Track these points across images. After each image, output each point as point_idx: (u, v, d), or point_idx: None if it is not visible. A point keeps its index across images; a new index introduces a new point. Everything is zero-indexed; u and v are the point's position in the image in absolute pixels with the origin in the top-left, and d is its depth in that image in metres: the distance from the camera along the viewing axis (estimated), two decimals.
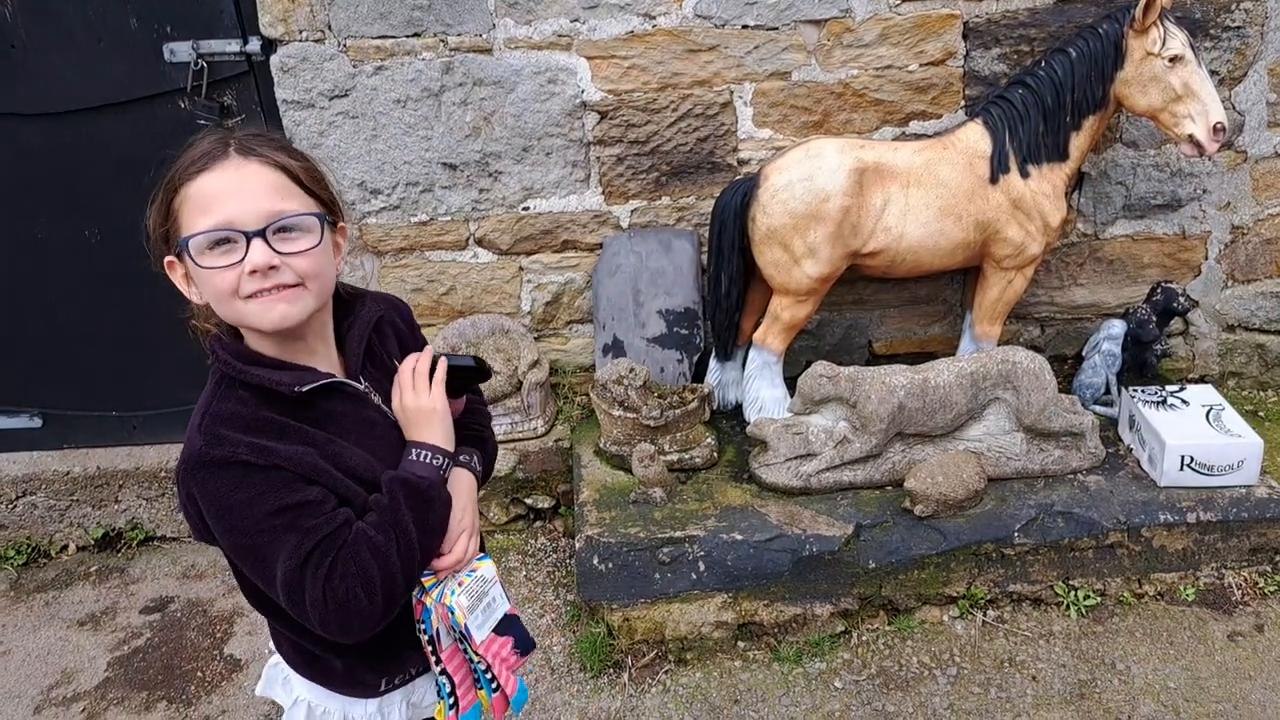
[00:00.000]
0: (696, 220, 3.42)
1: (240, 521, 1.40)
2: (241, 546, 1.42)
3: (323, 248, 1.44)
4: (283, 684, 1.78)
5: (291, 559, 1.40)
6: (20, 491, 3.64)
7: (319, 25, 3.10)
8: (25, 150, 3.27)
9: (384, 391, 1.59)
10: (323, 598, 1.40)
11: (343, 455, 1.48)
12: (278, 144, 1.46)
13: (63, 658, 3.20)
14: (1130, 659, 2.85)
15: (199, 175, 1.38)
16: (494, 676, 1.67)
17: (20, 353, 3.58)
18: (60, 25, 3.12)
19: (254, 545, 1.41)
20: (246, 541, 1.41)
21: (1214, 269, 3.52)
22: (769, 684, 2.86)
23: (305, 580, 1.40)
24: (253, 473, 1.40)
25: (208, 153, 1.39)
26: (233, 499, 1.39)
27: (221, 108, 3.21)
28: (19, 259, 3.44)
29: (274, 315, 1.40)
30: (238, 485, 1.39)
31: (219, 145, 1.40)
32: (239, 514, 1.40)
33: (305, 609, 1.42)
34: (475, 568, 1.64)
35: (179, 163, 1.41)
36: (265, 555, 1.41)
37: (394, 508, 1.47)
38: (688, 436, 3.22)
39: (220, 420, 1.42)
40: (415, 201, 3.37)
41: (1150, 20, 2.84)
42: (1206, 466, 2.99)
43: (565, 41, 3.15)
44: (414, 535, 1.47)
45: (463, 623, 1.59)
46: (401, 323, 1.71)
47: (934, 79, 3.22)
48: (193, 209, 1.38)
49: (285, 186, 1.42)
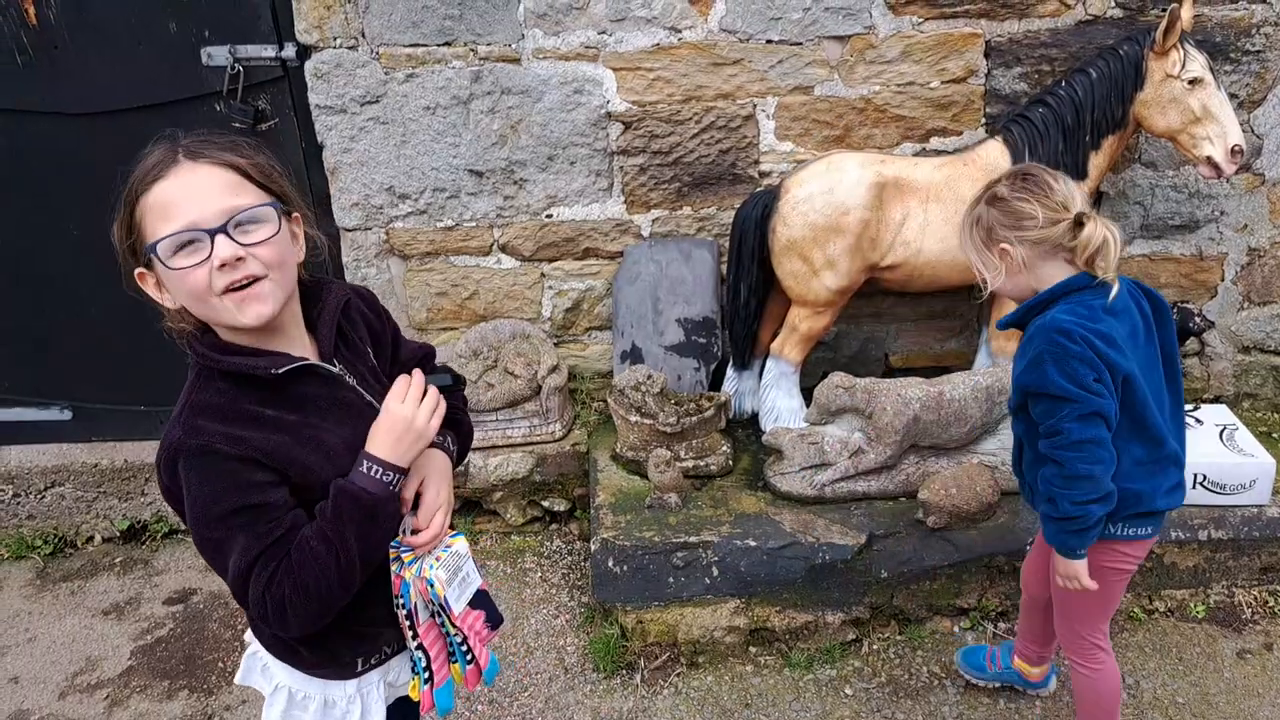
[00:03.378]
0: (717, 230, 3.47)
1: (204, 513, 1.48)
2: (203, 537, 1.50)
3: (282, 235, 1.50)
4: (261, 671, 1.84)
5: (242, 558, 1.48)
6: (49, 482, 3.72)
7: (353, 32, 3.17)
8: (65, 148, 3.35)
9: (358, 374, 1.66)
10: (262, 598, 1.49)
11: (320, 437, 1.55)
12: (225, 144, 1.51)
13: (87, 645, 3.26)
14: (1140, 674, 2.87)
15: (154, 184, 1.44)
16: (469, 649, 1.73)
17: (52, 347, 3.66)
18: (101, 28, 3.20)
19: (213, 538, 1.49)
20: (207, 534, 1.49)
21: (1230, 290, 3.53)
22: (780, 689, 2.89)
23: (250, 580, 1.49)
24: (224, 462, 1.46)
25: (160, 161, 1.45)
26: (202, 490, 1.47)
27: (256, 111, 3.28)
28: (54, 255, 3.52)
29: (250, 315, 1.48)
30: (208, 476, 1.46)
31: (169, 153, 1.46)
32: (205, 506, 1.47)
33: (249, 605, 1.51)
34: (450, 543, 1.70)
35: (134, 175, 1.47)
36: (222, 549, 1.50)
37: (336, 519, 1.50)
38: (703, 444, 3.27)
39: (198, 411, 1.49)
40: (442, 207, 3.43)
41: (1171, 43, 2.87)
42: (1219, 485, 3.00)
43: (592, 53, 3.21)
44: (354, 548, 1.51)
45: (442, 595, 1.64)
46: (368, 309, 1.77)
47: (955, 96, 3.27)
48: (154, 217, 1.44)
49: (237, 183, 1.48)
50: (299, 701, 1.77)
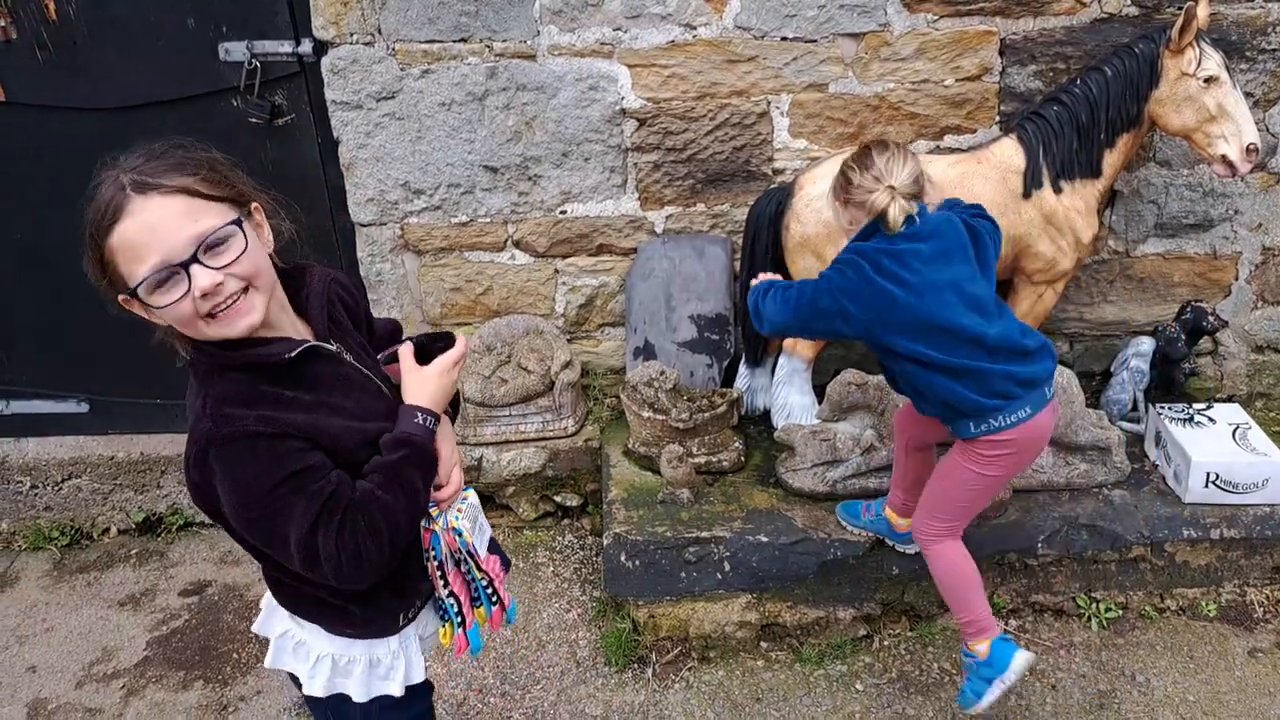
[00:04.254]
0: (730, 227, 3.48)
1: (250, 493, 1.51)
2: (252, 519, 1.54)
3: (251, 244, 1.53)
4: (294, 651, 1.87)
5: (304, 520, 1.52)
6: (66, 474, 3.75)
7: (369, 29, 3.19)
8: (83, 143, 3.37)
9: (351, 350, 1.73)
10: (336, 552, 1.53)
11: (336, 411, 1.61)
12: (170, 165, 1.50)
13: (103, 636, 3.30)
14: (1150, 672, 2.87)
15: (113, 227, 1.44)
16: (494, 589, 1.87)
17: (70, 340, 3.69)
18: (121, 24, 3.22)
19: (265, 515, 1.53)
20: (257, 513, 1.53)
21: (1244, 289, 3.53)
22: (790, 684, 2.91)
23: (318, 539, 1.53)
24: (261, 442, 1.50)
25: (111, 201, 1.45)
26: (244, 472, 1.51)
27: (273, 106, 3.30)
28: (72, 249, 3.53)
29: (241, 328, 1.52)
30: (248, 458, 1.50)
31: (118, 192, 1.44)
32: (249, 485, 1.51)
33: (320, 565, 1.54)
34: (465, 496, 1.82)
35: (89, 218, 1.47)
36: (277, 523, 1.53)
37: (399, 464, 1.62)
38: (716, 440, 3.28)
39: (222, 400, 1.52)
40: (456, 203, 3.44)
41: (1186, 41, 2.86)
42: (1231, 484, 3.00)
43: (607, 49, 3.22)
44: (420, 489, 1.64)
45: (470, 542, 1.79)
46: (344, 289, 1.82)
47: (970, 94, 3.27)
48: (125, 260, 1.46)
49: (194, 206, 1.48)
50: (343, 667, 1.83)
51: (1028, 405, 2.32)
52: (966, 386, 2.29)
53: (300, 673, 1.86)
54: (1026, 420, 2.32)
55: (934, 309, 2.27)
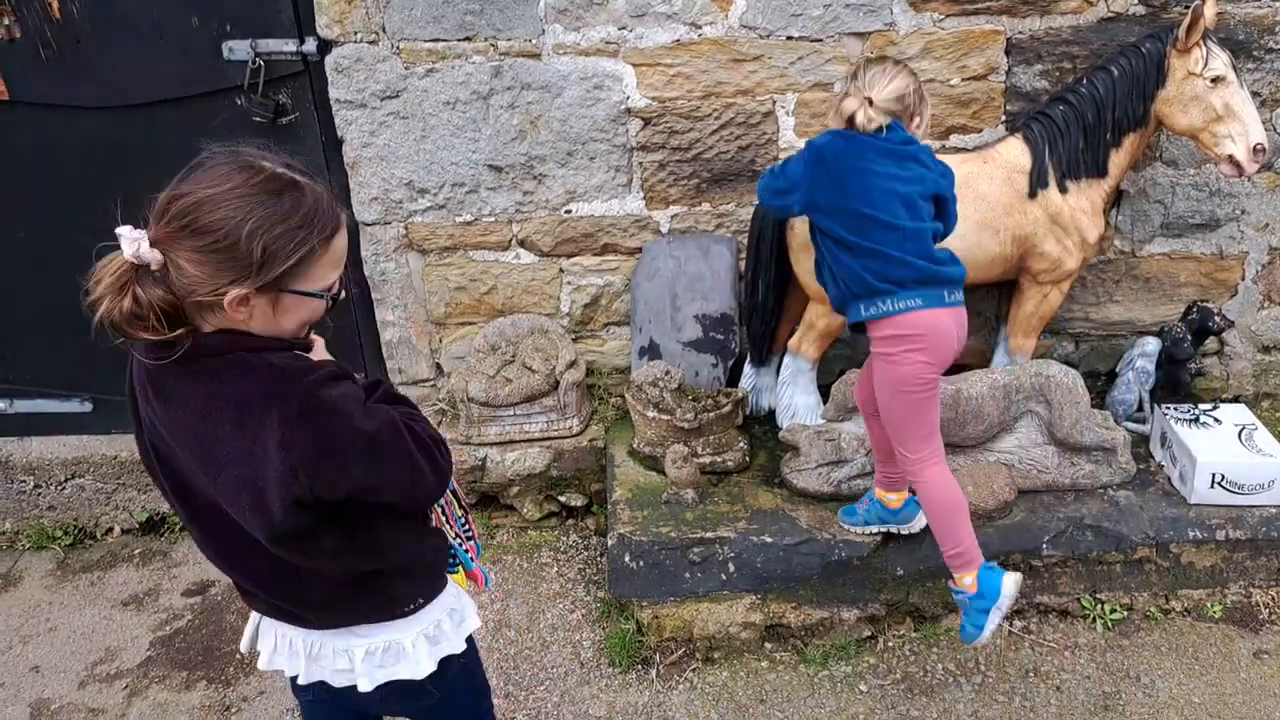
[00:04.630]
0: (736, 227, 3.47)
1: (360, 414, 1.56)
2: (371, 434, 1.56)
3: None
4: (384, 655, 1.81)
5: (399, 428, 1.62)
6: (69, 474, 3.75)
7: (374, 27, 3.18)
8: (85, 142, 3.37)
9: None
10: (433, 446, 1.67)
11: None
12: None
13: (106, 636, 3.29)
14: (1155, 673, 2.87)
15: (335, 235, 1.57)
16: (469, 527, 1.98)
17: (74, 339, 3.68)
18: (124, 22, 3.21)
19: (380, 425, 1.58)
20: (373, 426, 1.56)
21: (1250, 290, 3.52)
22: (794, 685, 2.90)
23: (420, 433, 1.66)
24: (344, 378, 1.61)
25: (333, 211, 1.57)
26: (348, 402, 1.55)
27: (276, 105, 3.29)
28: (74, 248, 3.52)
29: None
30: (347, 391, 1.57)
31: (334, 204, 1.58)
32: (358, 405, 1.57)
33: (441, 453, 1.69)
34: None
35: (321, 221, 1.54)
36: (396, 428, 1.61)
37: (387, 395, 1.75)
38: (720, 440, 3.27)
39: (291, 360, 1.57)
40: (461, 202, 3.44)
41: (1193, 40, 2.85)
42: (1237, 485, 3.00)
43: (612, 48, 3.21)
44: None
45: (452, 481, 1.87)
46: None
47: (975, 93, 3.25)
48: (326, 266, 1.57)
49: None
50: (438, 634, 1.85)
51: (918, 297, 2.45)
52: (867, 269, 2.44)
53: (404, 672, 1.82)
54: (917, 310, 2.45)
55: (861, 195, 2.44)
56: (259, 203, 1.48)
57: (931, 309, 2.46)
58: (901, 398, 2.54)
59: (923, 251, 2.45)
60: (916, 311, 2.44)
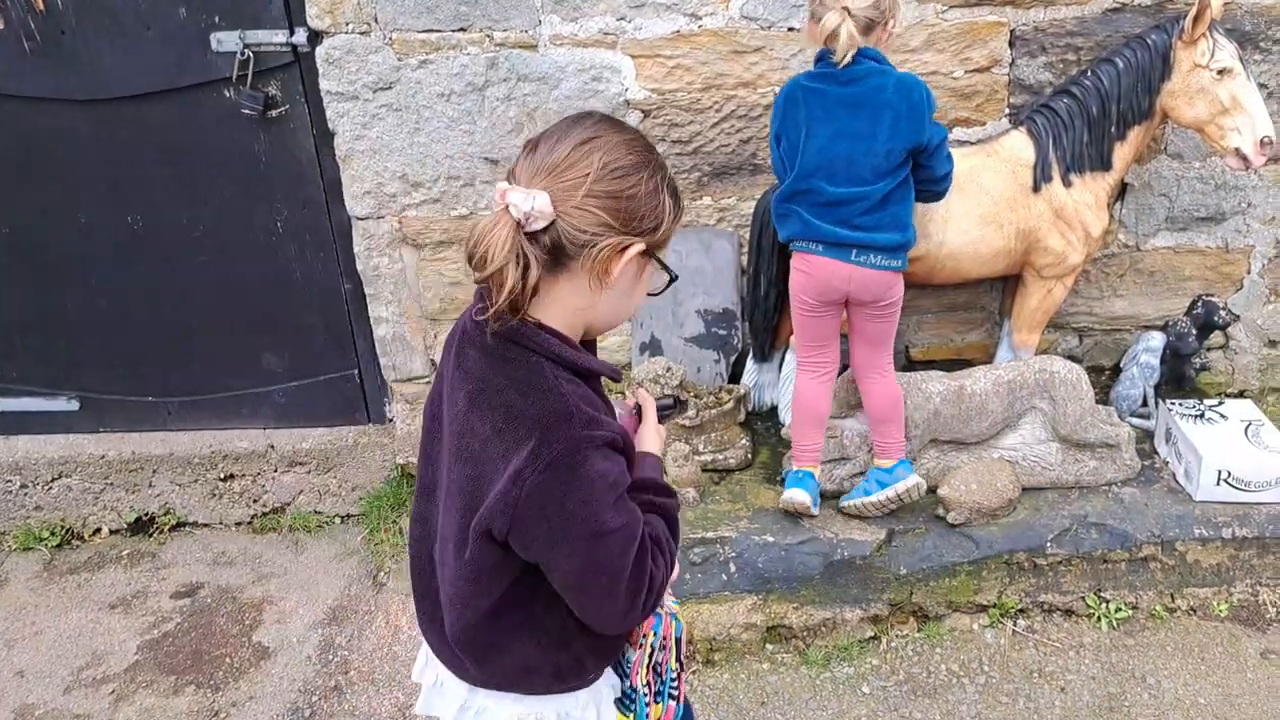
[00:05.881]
0: (737, 221, 3.42)
1: (607, 503, 1.38)
2: (598, 531, 1.38)
3: None
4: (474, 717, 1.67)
5: (637, 543, 1.41)
6: (56, 473, 3.68)
7: (365, 18, 3.12)
8: (72, 136, 3.31)
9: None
10: (649, 582, 1.43)
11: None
12: None
13: (93, 640, 3.23)
14: (1161, 673, 2.83)
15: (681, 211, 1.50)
16: (677, 688, 1.71)
17: (60, 336, 3.62)
18: (110, 14, 3.15)
19: (614, 527, 1.39)
20: (608, 524, 1.38)
21: (1256, 283, 3.49)
22: (796, 687, 2.86)
23: (646, 563, 1.42)
24: (616, 454, 1.41)
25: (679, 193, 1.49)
26: (604, 480, 1.37)
27: (266, 98, 3.23)
28: (62, 243, 3.48)
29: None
30: (610, 464, 1.39)
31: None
32: (607, 494, 1.38)
33: (640, 593, 1.42)
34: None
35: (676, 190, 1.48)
36: (621, 536, 1.39)
37: (671, 509, 1.54)
38: (722, 437, 3.23)
39: (578, 399, 1.40)
40: (456, 195, 3.38)
41: (1199, 32, 2.81)
42: (1243, 482, 2.97)
43: (610, 40, 3.15)
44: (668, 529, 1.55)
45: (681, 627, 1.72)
46: None
47: (979, 86, 3.21)
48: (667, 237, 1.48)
49: None
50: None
51: (820, 245, 2.70)
52: (799, 203, 2.70)
53: None
54: (812, 253, 2.72)
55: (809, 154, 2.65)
56: (654, 160, 1.43)
57: (826, 256, 2.70)
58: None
59: (846, 218, 2.65)
60: (809, 253, 2.73)
